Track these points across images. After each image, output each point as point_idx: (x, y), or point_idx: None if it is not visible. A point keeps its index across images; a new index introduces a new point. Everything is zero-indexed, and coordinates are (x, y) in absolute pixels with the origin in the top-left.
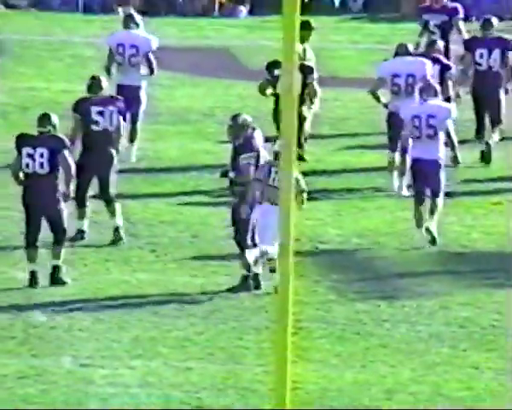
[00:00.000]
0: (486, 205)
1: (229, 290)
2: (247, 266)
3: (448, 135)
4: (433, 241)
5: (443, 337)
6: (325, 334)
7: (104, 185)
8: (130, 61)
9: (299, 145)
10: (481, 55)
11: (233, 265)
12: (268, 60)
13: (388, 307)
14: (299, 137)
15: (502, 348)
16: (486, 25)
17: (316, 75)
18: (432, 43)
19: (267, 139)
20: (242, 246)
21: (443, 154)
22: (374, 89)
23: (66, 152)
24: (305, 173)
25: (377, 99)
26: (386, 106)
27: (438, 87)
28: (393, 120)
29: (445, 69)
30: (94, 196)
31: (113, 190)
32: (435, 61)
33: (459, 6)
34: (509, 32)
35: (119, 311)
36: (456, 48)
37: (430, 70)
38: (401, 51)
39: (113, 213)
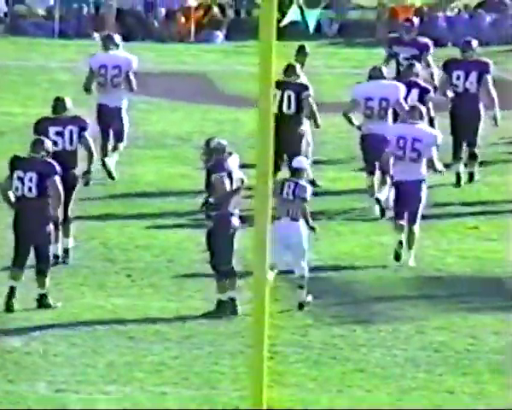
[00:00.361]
0: (461, 229)
1: (204, 315)
2: (225, 290)
3: (432, 163)
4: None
5: (419, 362)
6: (301, 358)
7: (65, 205)
8: (113, 82)
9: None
10: (458, 77)
11: (209, 289)
12: (243, 85)
13: (364, 332)
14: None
15: (477, 372)
16: (465, 47)
17: (311, 92)
18: (410, 67)
19: (244, 165)
20: (218, 270)
21: (424, 175)
22: (347, 111)
23: (56, 177)
24: None
25: (350, 121)
26: (359, 128)
27: (423, 109)
28: (367, 143)
29: (424, 93)
30: None
31: (71, 212)
32: (414, 85)
33: (429, 41)
34: (484, 57)
35: (94, 336)
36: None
37: (403, 94)
38: (375, 74)
39: (66, 233)
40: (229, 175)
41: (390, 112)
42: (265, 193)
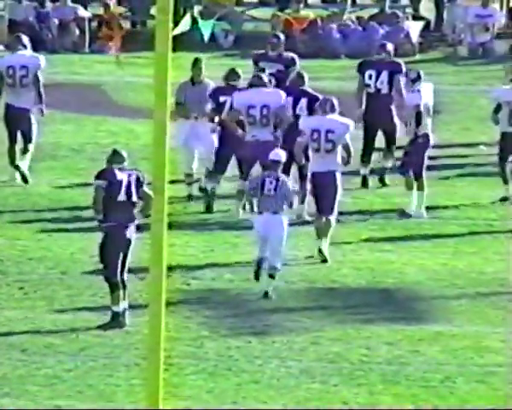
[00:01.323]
0: (355, 240)
1: (99, 327)
2: (119, 302)
3: (347, 149)
4: (324, 261)
5: (313, 373)
6: (197, 370)
7: None
8: (22, 82)
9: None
10: (370, 77)
11: (103, 301)
12: (137, 96)
13: (259, 344)
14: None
15: (370, 383)
16: (379, 49)
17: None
18: (299, 76)
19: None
20: (110, 282)
21: (339, 167)
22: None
23: None
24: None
25: (235, 129)
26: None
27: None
28: (248, 151)
29: (313, 101)
30: None
31: None
32: (303, 93)
33: (295, 56)
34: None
35: None
36: None
37: (285, 100)
38: (255, 82)
39: None
40: (117, 184)
41: (272, 119)
42: (161, 204)
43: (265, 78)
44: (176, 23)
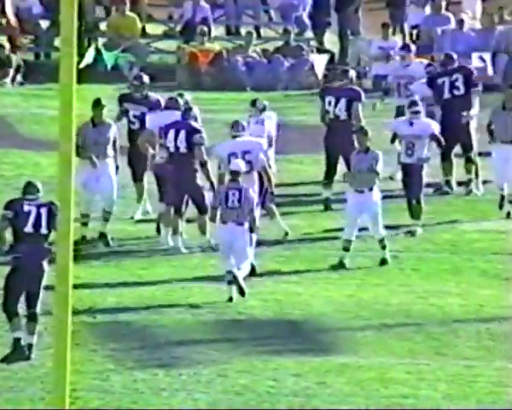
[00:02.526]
0: (262, 272)
1: (2, 361)
2: (18, 328)
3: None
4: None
5: (220, 405)
6: (102, 403)
7: None
8: None
9: None
10: (329, 103)
11: (7, 335)
12: (42, 128)
13: (166, 376)
14: None
15: None
16: (341, 75)
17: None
18: (187, 111)
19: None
20: (7, 311)
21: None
22: (142, 141)
23: None
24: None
25: (145, 150)
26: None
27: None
28: (157, 172)
29: (193, 133)
30: None
31: None
32: (184, 125)
33: (161, 99)
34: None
35: None
36: None
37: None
38: (171, 105)
39: None
40: (23, 216)
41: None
42: (67, 231)
43: (181, 102)
44: (80, 55)
